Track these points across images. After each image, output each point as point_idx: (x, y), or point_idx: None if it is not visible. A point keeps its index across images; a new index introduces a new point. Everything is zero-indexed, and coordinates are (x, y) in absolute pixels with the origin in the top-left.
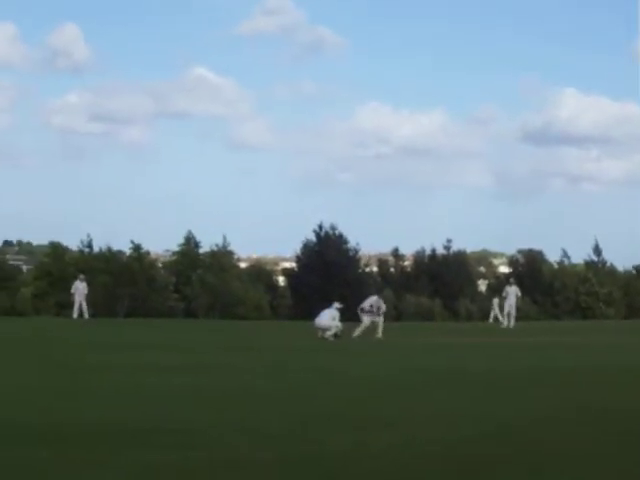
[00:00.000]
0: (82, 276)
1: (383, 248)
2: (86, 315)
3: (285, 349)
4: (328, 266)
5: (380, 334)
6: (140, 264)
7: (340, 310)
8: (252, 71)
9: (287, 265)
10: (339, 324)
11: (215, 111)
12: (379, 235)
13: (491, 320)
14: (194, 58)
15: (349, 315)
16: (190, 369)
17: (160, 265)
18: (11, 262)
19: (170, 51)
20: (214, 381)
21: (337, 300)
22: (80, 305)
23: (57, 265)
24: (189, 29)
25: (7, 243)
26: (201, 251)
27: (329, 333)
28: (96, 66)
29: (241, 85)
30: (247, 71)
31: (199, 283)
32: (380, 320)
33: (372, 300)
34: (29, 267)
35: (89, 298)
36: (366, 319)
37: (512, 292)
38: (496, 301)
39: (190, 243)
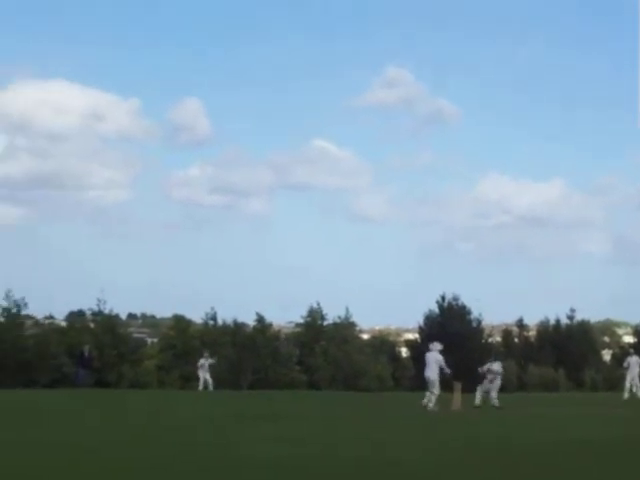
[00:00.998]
0: (207, 353)
1: (507, 318)
2: (211, 388)
3: (403, 420)
4: (451, 337)
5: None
6: (264, 336)
7: (442, 352)
8: (372, 142)
9: (410, 336)
10: (437, 390)
11: (335, 183)
12: (503, 305)
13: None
14: (314, 130)
15: (471, 386)
16: (309, 441)
17: (283, 337)
18: (135, 335)
19: (290, 123)
20: (333, 453)
21: (437, 341)
22: (205, 380)
23: (181, 338)
24: (309, 101)
25: (131, 316)
26: (324, 323)
27: (430, 405)
28: (217, 139)
29: (361, 157)
30: (367, 142)
31: (322, 355)
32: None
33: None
34: (153, 340)
35: (213, 371)
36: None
37: (634, 362)
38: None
39: (314, 315)
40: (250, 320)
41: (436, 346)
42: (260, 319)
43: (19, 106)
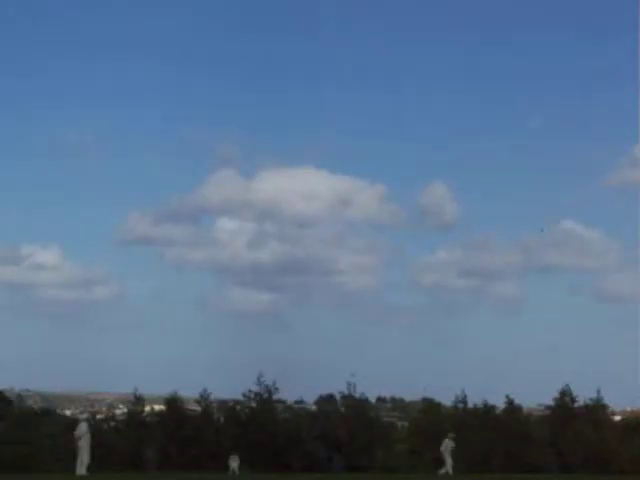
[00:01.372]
0: (452, 435)
1: None
2: (449, 470)
3: None
4: None
5: None
6: (514, 419)
7: None
8: (620, 222)
9: None
10: None
11: (584, 264)
12: None
13: None
14: (561, 211)
15: None
16: None
17: (534, 419)
18: (385, 418)
19: (537, 204)
20: None
21: None
22: (449, 462)
23: (431, 421)
24: (556, 182)
25: (380, 399)
26: (575, 405)
27: None
28: (464, 222)
29: (610, 237)
30: (615, 222)
31: (574, 437)
32: None
33: None
34: (403, 423)
35: (462, 454)
36: None
37: None
38: None
39: (564, 397)
40: (500, 403)
41: None
42: (510, 402)
43: (268, 194)
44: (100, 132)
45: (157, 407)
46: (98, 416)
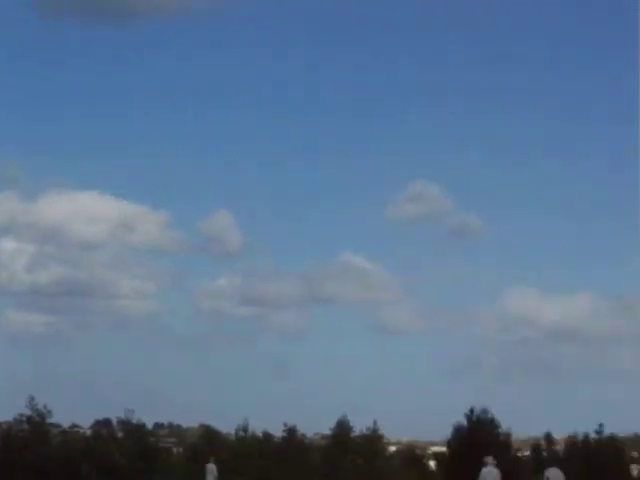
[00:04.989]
0: (212, 458)
1: (536, 432)
2: None
3: None
4: (480, 450)
5: None
6: (292, 448)
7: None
8: (398, 256)
9: (436, 449)
10: None
11: (363, 296)
12: (530, 419)
13: None
14: (341, 244)
15: None
16: None
17: (312, 449)
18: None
19: (318, 237)
20: None
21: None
22: None
23: (208, 447)
24: (336, 215)
25: (158, 425)
26: (352, 435)
27: None
28: (246, 251)
29: (388, 270)
30: (394, 256)
31: (350, 467)
32: None
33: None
34: (179, 449)
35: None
36: None
37: None
38: None
39: (342, 427)
40: (279, 431)
41: (491, 461)
42: (290, 430)
43: (49, 216)
44: None
45: None
46: None
